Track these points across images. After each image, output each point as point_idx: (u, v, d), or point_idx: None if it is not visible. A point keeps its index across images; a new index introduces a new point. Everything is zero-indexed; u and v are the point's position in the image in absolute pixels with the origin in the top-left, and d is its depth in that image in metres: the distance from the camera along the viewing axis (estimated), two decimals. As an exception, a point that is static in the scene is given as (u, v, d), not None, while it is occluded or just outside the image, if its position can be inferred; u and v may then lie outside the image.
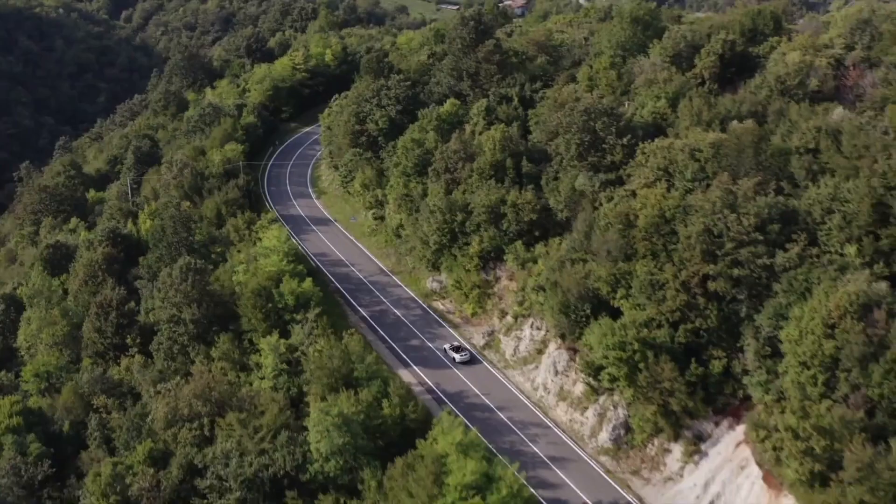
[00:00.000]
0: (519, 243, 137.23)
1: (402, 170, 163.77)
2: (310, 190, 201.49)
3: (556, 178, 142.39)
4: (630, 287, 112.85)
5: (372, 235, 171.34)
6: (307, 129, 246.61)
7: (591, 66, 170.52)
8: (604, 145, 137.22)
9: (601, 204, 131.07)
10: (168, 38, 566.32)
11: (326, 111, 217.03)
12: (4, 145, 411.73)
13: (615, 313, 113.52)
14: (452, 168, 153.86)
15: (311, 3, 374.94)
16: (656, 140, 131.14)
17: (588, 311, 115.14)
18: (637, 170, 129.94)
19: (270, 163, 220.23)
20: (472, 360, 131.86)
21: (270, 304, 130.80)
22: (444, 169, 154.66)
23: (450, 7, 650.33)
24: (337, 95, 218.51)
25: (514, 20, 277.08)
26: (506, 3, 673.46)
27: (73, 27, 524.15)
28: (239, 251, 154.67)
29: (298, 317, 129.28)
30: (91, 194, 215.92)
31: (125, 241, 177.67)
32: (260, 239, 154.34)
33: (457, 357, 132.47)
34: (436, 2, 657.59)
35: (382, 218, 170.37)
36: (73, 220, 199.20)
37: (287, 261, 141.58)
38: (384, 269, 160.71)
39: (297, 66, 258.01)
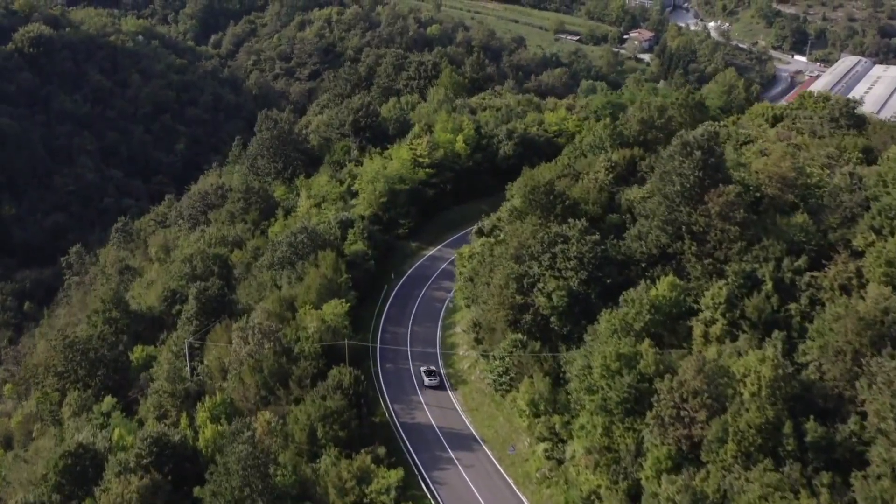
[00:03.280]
0: None
1: (601, 402, 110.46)
2: (441, 370, 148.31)
3: (865, 457, 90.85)
4: None
5: (542, 485, 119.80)
6: (431, 250, 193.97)
7: (876, 231, 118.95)
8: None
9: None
10: (259, 71, 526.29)
11: (467, 249, 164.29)
12: (62, 205, 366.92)
13: None
14: (688, 420, 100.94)
15: (430, 58, 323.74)
16: None
17: None
18: None
19: (385, 312, 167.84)
20: (440, 386, 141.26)
21: None
22: (674, 417, 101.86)
23: (569, 38, 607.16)
24: (479, 225, 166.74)
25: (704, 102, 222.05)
26: (631, 35, 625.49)
27: (153, 59, 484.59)
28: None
29: None
30: (136, 353, 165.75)
31: (175, 454, 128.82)
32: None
33: (426, 381, 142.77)
34: (553, 31, 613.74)
35: (560, 461, 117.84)
36: (108, 401, 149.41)
37: None
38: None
39: (420, 159, 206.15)
